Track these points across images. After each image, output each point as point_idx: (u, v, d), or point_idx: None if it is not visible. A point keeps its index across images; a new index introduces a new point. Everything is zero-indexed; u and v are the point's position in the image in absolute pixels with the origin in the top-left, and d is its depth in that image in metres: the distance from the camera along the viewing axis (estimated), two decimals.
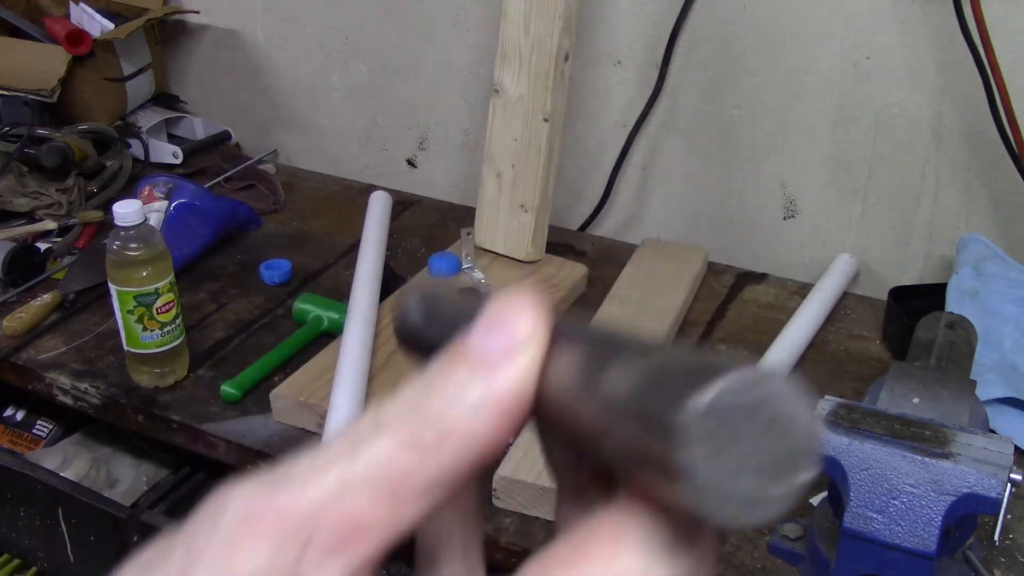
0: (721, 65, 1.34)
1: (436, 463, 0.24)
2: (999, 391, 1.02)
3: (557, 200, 1.40)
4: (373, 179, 1.66)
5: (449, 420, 0.24)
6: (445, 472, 0.24)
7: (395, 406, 0.25)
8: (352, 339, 1.08)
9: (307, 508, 0.23)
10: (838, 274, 1.29)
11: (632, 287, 1.25)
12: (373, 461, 0.24)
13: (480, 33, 1.49)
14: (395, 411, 0.25)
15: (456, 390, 0.24)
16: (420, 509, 0.24)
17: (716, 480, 0.21)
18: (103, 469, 1.30)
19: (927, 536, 0.63)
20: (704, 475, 0.21)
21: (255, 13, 1.68)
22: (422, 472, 0.24)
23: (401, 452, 0.24)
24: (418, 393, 0.25)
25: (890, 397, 0.71)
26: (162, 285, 1.07)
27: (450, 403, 0.24)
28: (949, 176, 1.26)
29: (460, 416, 0.24)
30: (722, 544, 0.90)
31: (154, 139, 1.66)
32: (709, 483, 0.21)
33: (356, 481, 0.23)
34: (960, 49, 1.15)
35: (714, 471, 0.21)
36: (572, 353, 0.25)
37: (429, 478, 0.24)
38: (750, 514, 0.22)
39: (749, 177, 1.38)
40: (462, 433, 0.24)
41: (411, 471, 0.24)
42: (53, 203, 1.44)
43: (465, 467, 0.24)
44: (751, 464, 0.22)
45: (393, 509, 0.24)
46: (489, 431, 0.24)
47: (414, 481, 0.24)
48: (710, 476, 0.21)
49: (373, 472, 0.24)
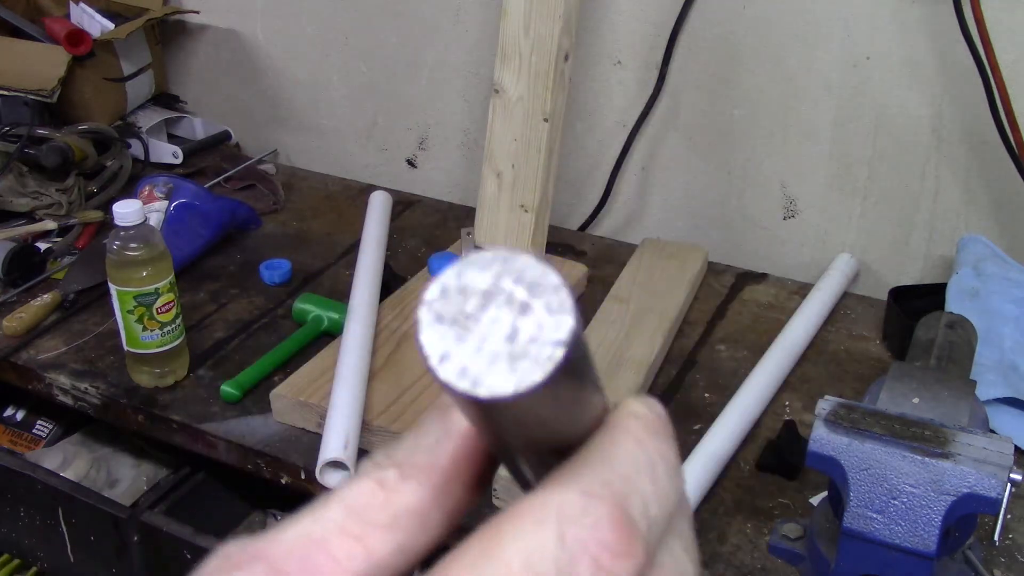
0: (721, 65, 1.34)
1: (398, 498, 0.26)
2: (999, 391, 1.02)
3: (557, 200, 1.40)
4: (373, 179, 1.66)
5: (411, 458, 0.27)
6: (410, 505, 0.26)
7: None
8: (352, 339, 1.08)
9: (284, 545, 0.25)
10: (838, 274, 1.29)
11: (632, 287, 1.25)
12: (345, 500, 0.26)
13: (480, 33, 1.49)
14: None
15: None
16: (391, 541, 0.26)
17: (457, 352, 0.23)
18: (103, 469, 1.30)
19: (927, 536, 0.63)
20: (439, 348, 0.23)
21: (255, 13, 1.68)
22: (386, 507, 0.26)
23: (371, 489, 0.26)
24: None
25: (890, 397, 0.71)
26: (162, 285, 1.07)
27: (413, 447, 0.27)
28: (949, 176, 1.26)
29: (420, 454, 0.27)
30: (721, 544, 0.90)
31: (154, 139, 1.66)
32: (448, 355, 0.23)
33: (328, 519, 0.26)
34: (960, 49, 1.15)
35: (450, 344, 0.23)
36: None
37: (394, 512, 0.26)
38: (508, 377, 0.22)
39: (749, 177, 1.38)
40: (420, 468, 0.27)
41: (376, 505, 0.26)
42: (53, 203, 1.44)
43: (427, 497, 0.26)
44: (497, 332, 0.23)
45: (363, 542, 0.26)
46: (444, 465, 0.27)
47: (378, 515, 0.26)
48: (447, 349, 0.23)
49: (346, 509, 0.26)
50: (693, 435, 1.04)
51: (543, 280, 0.23)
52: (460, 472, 0.27)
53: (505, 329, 0.23)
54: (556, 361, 0.22)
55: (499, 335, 0.23)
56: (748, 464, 1.00)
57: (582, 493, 0.23)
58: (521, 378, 0.22)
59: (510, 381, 0.22)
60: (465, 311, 0.23)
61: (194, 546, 1.07)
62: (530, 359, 0.22)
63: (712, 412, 1.05)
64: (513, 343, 0.23)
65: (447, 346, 0.23)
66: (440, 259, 1.29)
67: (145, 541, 1.11)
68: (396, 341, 1.14)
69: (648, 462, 0.25)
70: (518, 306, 0.23)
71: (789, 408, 1.09)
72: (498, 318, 0.23)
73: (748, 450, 1.02)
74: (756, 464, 1.00)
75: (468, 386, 0.23)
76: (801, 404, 1.09)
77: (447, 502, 0.27)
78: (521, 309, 0.23)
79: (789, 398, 1.10)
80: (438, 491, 0.26)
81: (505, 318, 0.23)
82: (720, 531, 0.92)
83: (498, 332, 0.23)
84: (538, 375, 0.22)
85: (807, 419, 1.05)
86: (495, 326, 0.23)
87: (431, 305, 0.23)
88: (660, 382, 1.13)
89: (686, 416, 1.07)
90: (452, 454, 0.27)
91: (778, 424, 1.05)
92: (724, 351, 1.19)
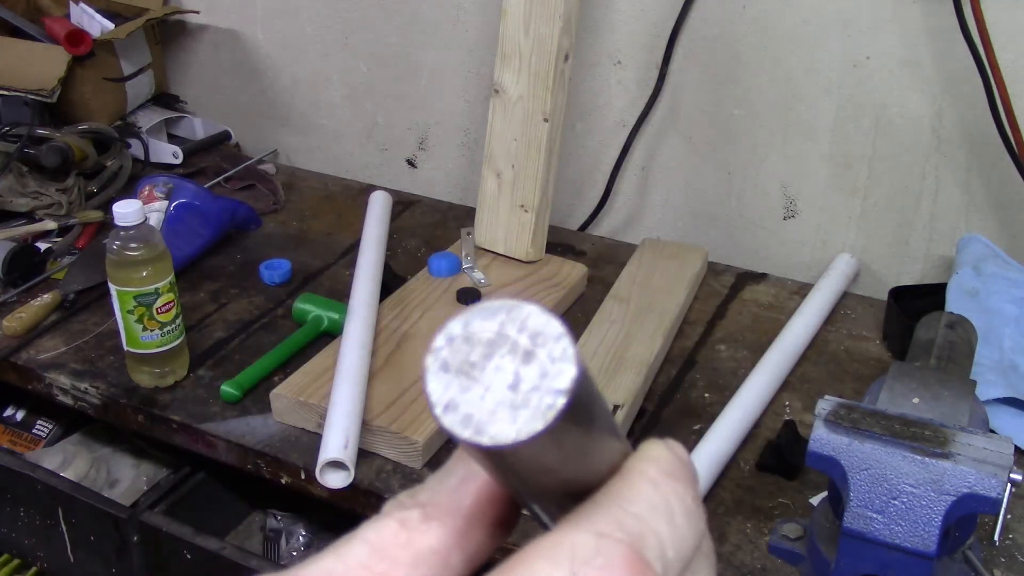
0: (721, 65, 1.34)
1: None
2: (999, 391, 1.02)
3: (557, 200, 1.40)
4: (373, 179, 1.66)
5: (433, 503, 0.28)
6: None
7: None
8: (352, 339, 1.08)
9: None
10: (838, 274, 1.29)
11: (632, 287, 1.25)
12: (368, 539, 0.27)
13: (480, 33, 1.49)
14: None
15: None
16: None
17: (461, 400, 0.23)
18: (103, 469, 1.30)
19: (927, 536, 0.63)
20: (444, 397, 0.23)
21: (255, 13, 1.68)
22: (409, 547, 0.27)
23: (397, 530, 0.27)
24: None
25: (890, 397, 0.71)
26: (162, 285, 1.07)
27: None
28: (949, 176, 1.26)
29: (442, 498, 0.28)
30: (721, 544, 0.90)
31: (154, 139, 1.66)
32: (453, 403, 0.23)
33: (351, 558, 0.26)
34: (960, 49, 1.15)
35: (455, 393, 0.23)
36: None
37: (416, 552, 0.26)
38: (510, 425, 0.23)
39: (749, 177, 1.38)
40: (443, 509, 0.27)
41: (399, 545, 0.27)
42: (53, 203, 1.44)
43: (449, 538, 0.27)
44: (501, 381, 0.23)
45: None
46: (467, 506, 0.28)
47: (401, 554, 0.27)
48: (452, 397, 0.23)
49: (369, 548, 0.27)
50: (693, 435, 1.04)
51: (546, 329, 0.23)
52: (483, 514, 0.27)
53: (508, 378, 0.23)
54: (557, 410, 0.23)
55: (502, 384, 0.23)
56: (748, 464, 1.00)
57: (596, 534, 0.23)
58: (522, 426, 0.23)
59: (511, 429, 0.23)
60: (470, 360, 0.23)
61: (194, 546, 1.07)
62: (531, 408, 0.23)
63: (712, 412, 1.05)
64: (516, 391, 0.23)
65: (452, 395, 0.23)
66: (440, 259, 1.29)
67: (145, 541, 1.11)
68: (396, 341, 1.14)
69: (665, 504, 0.25)
70: (522, 355, 0.23)
71: (789, 408, 1.09)
72: (502, 367, 0.23)
73: (748, 450, 1.02)
74: (756, 464, 1.00)
75: (471, 434, 0.23)
76: (801, 404, 1.09)
77: (469, 544, 0.27)
78: (525, 358, 0.23)
79: (789, 398, 1.10)
80: (460, 533, 0.27)
81: (509, 367, 0.23)
82: (720, 531, 0.92)
83: (501, 381, 0.23)
84: (539, 423, 0.23)
85: (807, 419, 1.05)
86: (499, 375, 0.23)
87: (437, 353, 0.24)
88: (660, 382, 1.13)
89: (686, 416, 1.07)
90: (475, 496, 0.27)
91: (778, 424, 1.05)
92: (724, 351, 1.19)
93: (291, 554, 1.23)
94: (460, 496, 0.27)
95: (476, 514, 0.27)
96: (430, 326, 1.16)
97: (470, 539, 0.27)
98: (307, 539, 1.24)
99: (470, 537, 0.27)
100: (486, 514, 0.27)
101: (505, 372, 0.23)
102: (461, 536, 0.27)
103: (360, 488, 0.97)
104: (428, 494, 0.27)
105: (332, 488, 0.95)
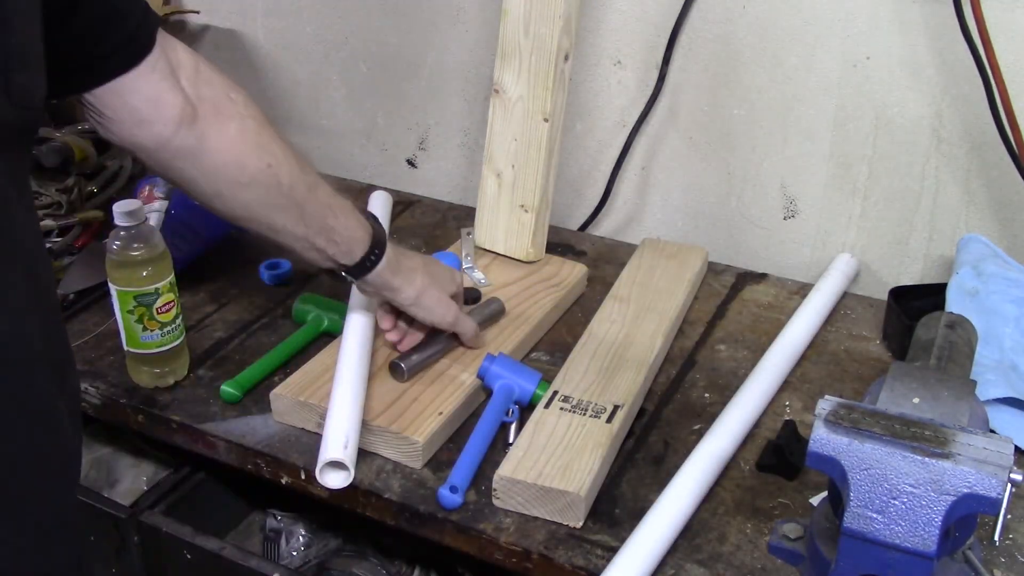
0: (721, 65, 1.34)
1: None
2: (999, 391, 1.02)
3: (557, 200, 1.40)
4: (373, 179, 1.67)
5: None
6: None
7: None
8: (352, 339, 1.08)
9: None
10: (838, 274, 1.29)
11: (632, 287, 1.25)
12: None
13: (480, 33, 1.49)
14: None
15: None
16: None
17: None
18: (103, 469, 1.30)
19: (927, 536, 0.63)
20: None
21: (255, 13, 1.68)
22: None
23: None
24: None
25: (890, 397, 0.71)
26: (162, 285, 1.07)
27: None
28: (949, 176, 1.26)
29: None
30: (721, 544, 0.90)
31: None
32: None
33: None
34: (960, 49, 1.15)
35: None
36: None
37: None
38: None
39: (749, 177, 1.38)
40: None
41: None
42: (53, 203, 1.44)
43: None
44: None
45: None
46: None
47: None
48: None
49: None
50: (693, 435, 1.04)
51: None
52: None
53: None
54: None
55: None
56: (748, 464, 1.00)
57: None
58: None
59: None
60: None
61: (194, 546, 1.07)
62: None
63: (712, 412, 1.05)
64: None
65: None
66: (440, 259, 1.29)
67: (145, 541, 1.11)
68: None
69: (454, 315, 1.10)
70: None
71: (789, 408, 1.09)
72: None
73: (748, 450, 1.02)
74: (756, 464, 1.00)
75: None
76: (801, 404, 1.09)
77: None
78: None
79: (789, 398, 1.10)
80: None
81: None
82: (720, 531, 0.92)
83: None
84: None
85: (807, 419, 1.05)
86: None
87: None
88: (660, 382, 1.13)
89: (686, 416, 1.07)
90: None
91: (778, 424, 1.05)
92: (724, 351, 1.19)
93: (291, 554, 1.23)
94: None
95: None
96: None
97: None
98: (307, 539, 1.24)
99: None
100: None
101: None
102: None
103: (360, 488, 0.97)
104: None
105: (332, 488, 0.95)
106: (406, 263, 1.06)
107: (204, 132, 0.85)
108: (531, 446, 0.96)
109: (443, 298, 1.08)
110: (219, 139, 0.87)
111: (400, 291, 1.05)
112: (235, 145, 0.88)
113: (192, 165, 0.87)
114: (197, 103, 0.85)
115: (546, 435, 0.98)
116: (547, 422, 1.00)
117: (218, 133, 0.86)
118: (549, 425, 0.99)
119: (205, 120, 0.85)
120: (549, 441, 0.97)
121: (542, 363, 1.17)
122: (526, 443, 0.97)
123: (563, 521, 0.92)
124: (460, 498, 0.94)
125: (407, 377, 1.07)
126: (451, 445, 1.03)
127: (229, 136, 0.87)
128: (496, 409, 1.03)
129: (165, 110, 0.82)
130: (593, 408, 1.02)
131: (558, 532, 0.92)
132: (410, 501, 0.96)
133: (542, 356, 1.18)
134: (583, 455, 0.95)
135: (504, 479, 0.93)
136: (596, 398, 1.03)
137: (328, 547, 1.25)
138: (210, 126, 0.86)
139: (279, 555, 1.23)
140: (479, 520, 0.93)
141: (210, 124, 0.86)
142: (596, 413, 1.01)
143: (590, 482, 0.92)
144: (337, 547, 1.25)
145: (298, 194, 0.94)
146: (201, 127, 0.85)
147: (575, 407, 1.02)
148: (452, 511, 0.94)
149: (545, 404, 1.03)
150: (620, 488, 0.97)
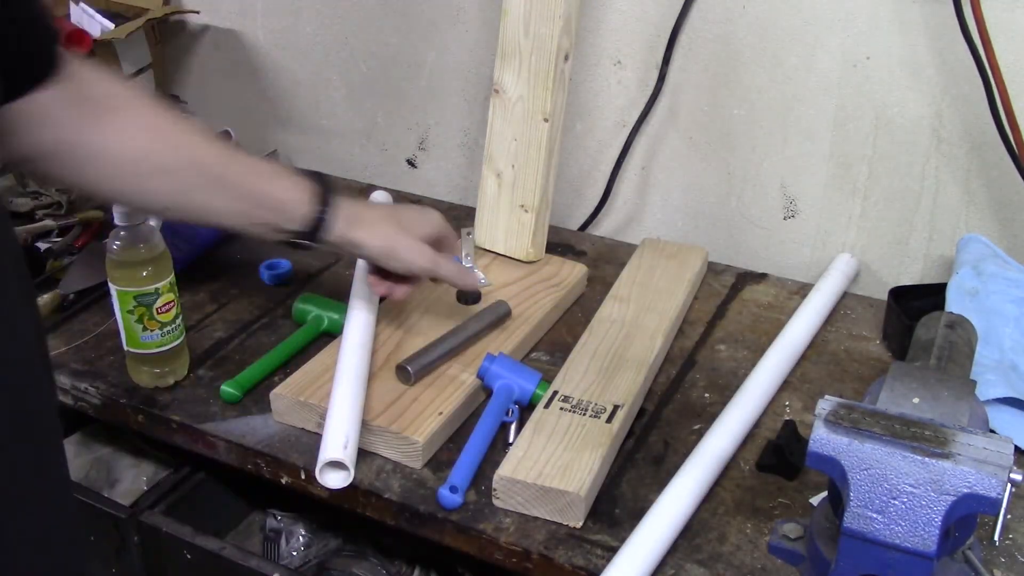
0: (721, 65, 1.34)
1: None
2: (999, 391, 1.02)
3: (557, 200, 1.40)
4: (373, 179, 1.67)
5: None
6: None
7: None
8: (352, 339, 1.08)
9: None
10: (838, 274, 1.29)
11: (632, 287, 1.25)
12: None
13: (480, 33, 1.49)
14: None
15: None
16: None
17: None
18: (103, 469, 1.30)
19: (927, 536, 0.63)
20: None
21: (255, 13, 1.68)
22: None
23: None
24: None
25: (890, 397, 0.71)
26: (162, 285, 1.07)
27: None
28: (949, 176, 1.26)
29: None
30: (721, 544, 0.90)
31: None
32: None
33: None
34: (960, 49, 1.15)
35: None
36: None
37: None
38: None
39: (749, 177, 1.38)
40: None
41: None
42: (53, 203, 1.44)
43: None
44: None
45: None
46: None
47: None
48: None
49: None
50: (693, 435, 1.04)
51: None
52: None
53: None
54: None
55: None
56: (748, 464, 1.00)
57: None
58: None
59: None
60: None
61: (194, 546, 1.07)
62: None
63: (712, 412, 1.05)
64: None
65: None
66: None
67: (145, 541, 1.11)
68: (396, 341, 1.14)
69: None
70: None
71: (789, 408, 1.09)
72: None
73: (748, 450, 1.02)
74: (756, 464, 1.00)
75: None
76: (801, 404, 1.09)
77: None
78: None
79: (789, 398, 1.10)
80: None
81: None
82: (720, 531, 0.92)
83: None
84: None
85: (807, 419, 1.05)
86: None
87: None
88: (660, 382, 1.13)
89: (686, 416, 1.07)
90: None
91: (778, 424, 1.05)
92: (724, 351, 1.19)
93: (291, 554, 1.23)
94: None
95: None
96: (430, 326, 1.16)
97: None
98: (307, 539, 1.24)
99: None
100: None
101: None
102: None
103: (360, 488, 0.97)
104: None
105: (332, 488, 0.95)
106: (367, 215, 1.00)
107: (101, 129, 0.82)
108: (531, 446, 0.96)
109: (415, 245, 1.01)
110: (116, 134, 0.83)
111: (364, 244, 0.99)
112: (135, 136, 0.85)
113: (93, 166, 0.83)
114: (87, 101, 0.81)
115: (546, 435, 0.98)
116: (547, 422, 1.00)
117: (113, 128, 0.83)
118: (549, 425, 0.99)
119: (97, 117, 0.82)
120: (549, 441, 0.97)
121: (542, 363, 1.17)
122: (526, 443, 0.97)
123: (563, 521, 0.92)
124: (460, 498, 0.94)
125: (414, 380, 1.07)
126: (451, 445, 1.03)
127: (124, 128, 0.84)
128: (496, 409, 1.03)
129: (58, 113, 0.79)
130: (593, 408, 1.02)
131: (558, 532, 0.92)
132: (410, 501, 0.96)
133: (542, 356, 1.18)
134: (583, 455, 0.95)
135: (504, 479, 0.93)
136: (596, 398, 1.03)
137: (328, 547, 1.25)
138: (106, 123, 0.82)
139: (279, 555, 1.23)
140: (479, 520, 0.93)
141: (104, 121, 0.82)
142: (596, 413, 1.01)
143: (590, 482, 0.92)
144: (337, 547, 1.25)
145: (214, 170, 0.90)
146: (94, 125, 0.81)
147: (575, 407, 1.02)
148: (452, 511, 0.94)
149: (545, 404, 1.03)
150: (620, 488, 0.97)
